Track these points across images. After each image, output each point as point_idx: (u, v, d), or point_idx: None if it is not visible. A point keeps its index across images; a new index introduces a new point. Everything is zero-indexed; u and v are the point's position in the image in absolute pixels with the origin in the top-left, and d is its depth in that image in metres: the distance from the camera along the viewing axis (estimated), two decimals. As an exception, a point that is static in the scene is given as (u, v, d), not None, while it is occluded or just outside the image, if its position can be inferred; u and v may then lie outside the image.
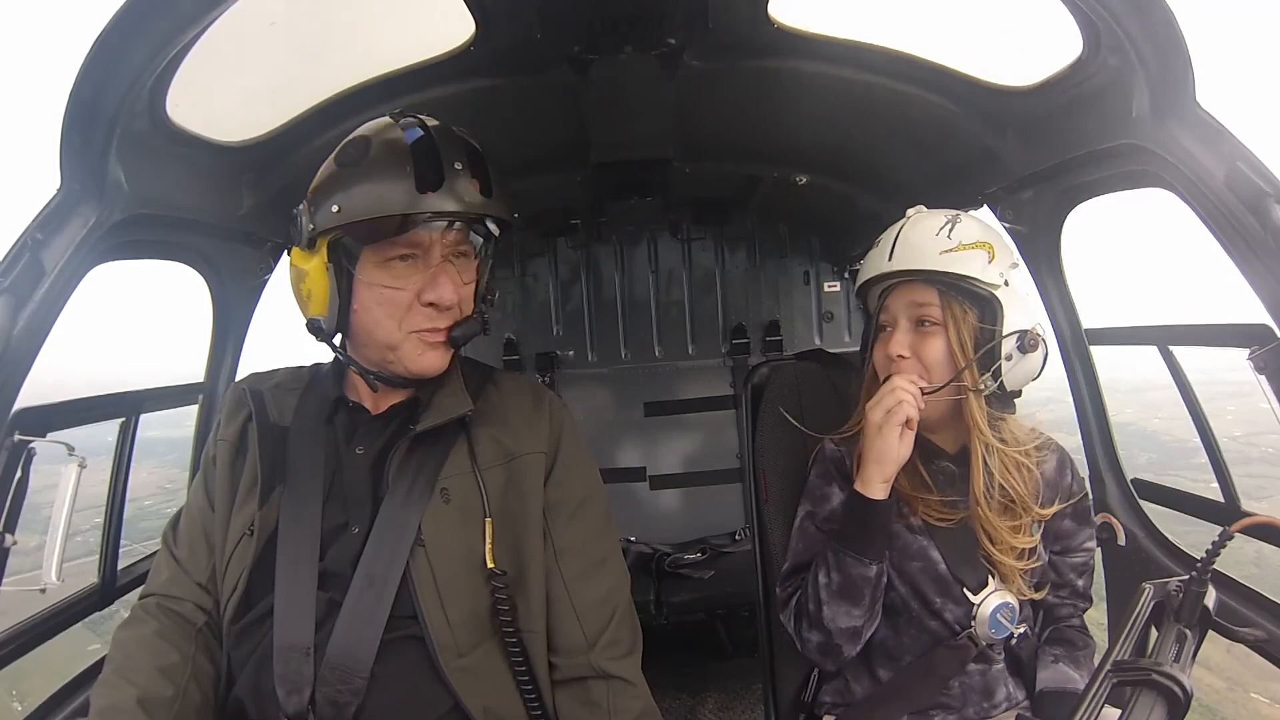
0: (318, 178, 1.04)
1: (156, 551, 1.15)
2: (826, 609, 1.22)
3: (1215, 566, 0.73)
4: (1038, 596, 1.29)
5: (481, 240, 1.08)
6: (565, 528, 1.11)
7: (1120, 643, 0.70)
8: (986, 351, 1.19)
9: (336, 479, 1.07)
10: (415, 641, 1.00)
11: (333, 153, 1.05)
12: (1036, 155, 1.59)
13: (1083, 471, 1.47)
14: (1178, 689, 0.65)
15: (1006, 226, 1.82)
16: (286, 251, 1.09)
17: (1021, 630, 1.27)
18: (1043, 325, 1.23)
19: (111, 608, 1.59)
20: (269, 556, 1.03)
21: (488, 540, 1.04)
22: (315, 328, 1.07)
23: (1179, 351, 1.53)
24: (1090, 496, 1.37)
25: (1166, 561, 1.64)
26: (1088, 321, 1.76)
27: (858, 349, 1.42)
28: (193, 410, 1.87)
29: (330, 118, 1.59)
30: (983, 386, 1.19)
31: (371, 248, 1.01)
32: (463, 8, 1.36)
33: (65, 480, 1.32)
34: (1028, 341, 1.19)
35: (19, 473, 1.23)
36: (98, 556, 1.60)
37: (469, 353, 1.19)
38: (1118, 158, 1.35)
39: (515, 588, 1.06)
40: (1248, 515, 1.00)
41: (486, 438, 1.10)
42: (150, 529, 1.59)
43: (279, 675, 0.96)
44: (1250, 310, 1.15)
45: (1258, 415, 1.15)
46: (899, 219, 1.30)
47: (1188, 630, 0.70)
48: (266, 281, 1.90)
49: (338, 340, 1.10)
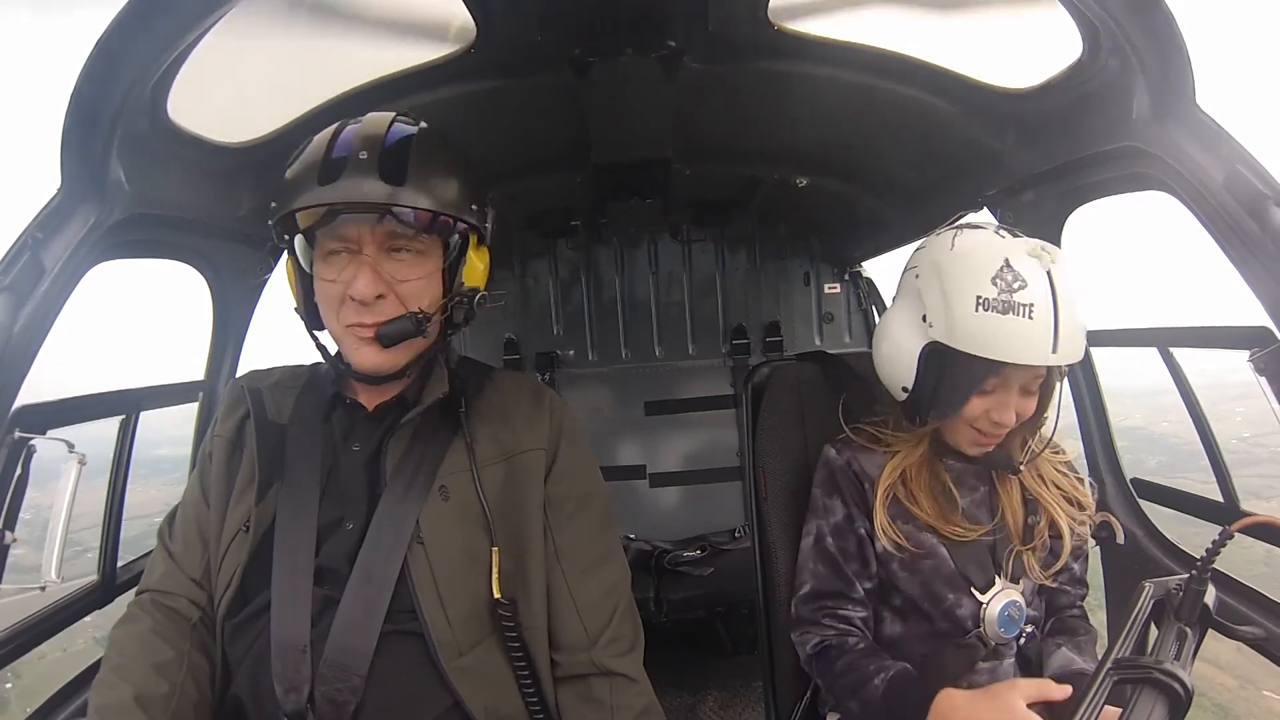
0: None
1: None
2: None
3: (1220, 566, 0.73)
4: (1050, 583, 1.30)
5: (425, 234, 1.02)
6: (566, 525, 1.11)
7: (1121, 641, 0.71)
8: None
9: (333, 475, 1.07)
10: (414, 639, 1.00)
11: None
12: (1036, 157, 1.59)
13: (1082, 471, 1.47)
14: (1179, 687, 0.65)
15: (1006, 229, 1.83)
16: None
17: (1030, 629, 1.28)
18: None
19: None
20: (264, 553, 1.02)
21: (495, 569, 1.04)
22: (301, 316, 1.10)
23: (1180, 354, 1.54)
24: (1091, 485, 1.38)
25: (1166, 561, 1.65)
26: (1088, 324, 1.77)
27: (858, 350, 1.42)
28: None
29: (330, 119, 1.57)
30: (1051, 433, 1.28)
31: (318, 243, 1.02)
32: (464, 10, 1.36)
33: (65, 478, 1.32)
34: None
35: (19, 470, 1.23)
36: (97, 557, 1.61)
37: (470, 352, 1.19)
38: (1118, 160, 1.36)
39: (516, 585, 1.06)
40: (1247, 515, 1.00)
41: (485, 436, 1.10)
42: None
43: (277, 673, 0.96)
44: (1251, 313, 1.15)
45: (1266, 417, 1.15)
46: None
47: (1188, 628, 0.71)
48: (266, 281, 1.90)
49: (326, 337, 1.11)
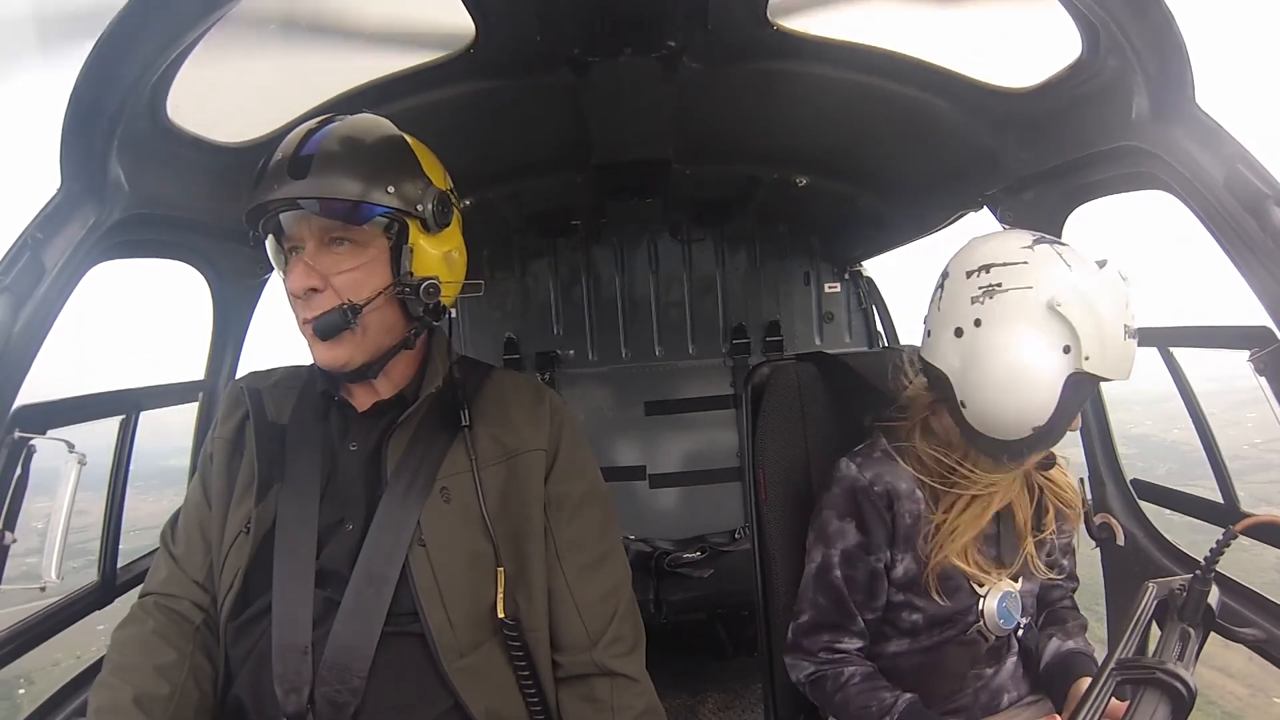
0: None
1: (156, 549, 1.15)
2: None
3: (1233, 574, 0.73)
4: (1052, 576, 1.30)
5: (355, 225, 1.01)
6: (566, 525, 1.11)
7: (1124, 641, 0.70)
8: None
9: (332, 476, 1.07)
10: (415, 640, 1.00)
11: None
12: (1036, 157, 1.59)
13: (1082, 472, 1.48)
14: (1182, 687, 0.65)
15: (1006, 228, 1.83)
16: None
17: (1026, 620, 1.29)
18: None
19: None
20: (265, 554, 1.02)
21: (500, 590, 1.04)
22: None
23: (1191, 358, 1.54)
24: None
25: (1165, 562, 1.64)
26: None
27: (858, 350, 1.42)
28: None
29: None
30: None
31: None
32: (463, 10, 1.36)
33: (65, 478, 1.32)
34: None
35: (19, 470, 1.23)
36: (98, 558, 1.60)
37: (470, 352, 1.19)
38: (1117, 159, 1.36)
39: (517, 586, 1.06)
40: (1249, 515, 1.00)
41: (486, 435, 1.10)
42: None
43: (278, 675, 0.96)
44: (1252, 312, 1.15)
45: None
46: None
47: (1191, 629, 0.71)
48: (266, 281, 1.90)
49: None
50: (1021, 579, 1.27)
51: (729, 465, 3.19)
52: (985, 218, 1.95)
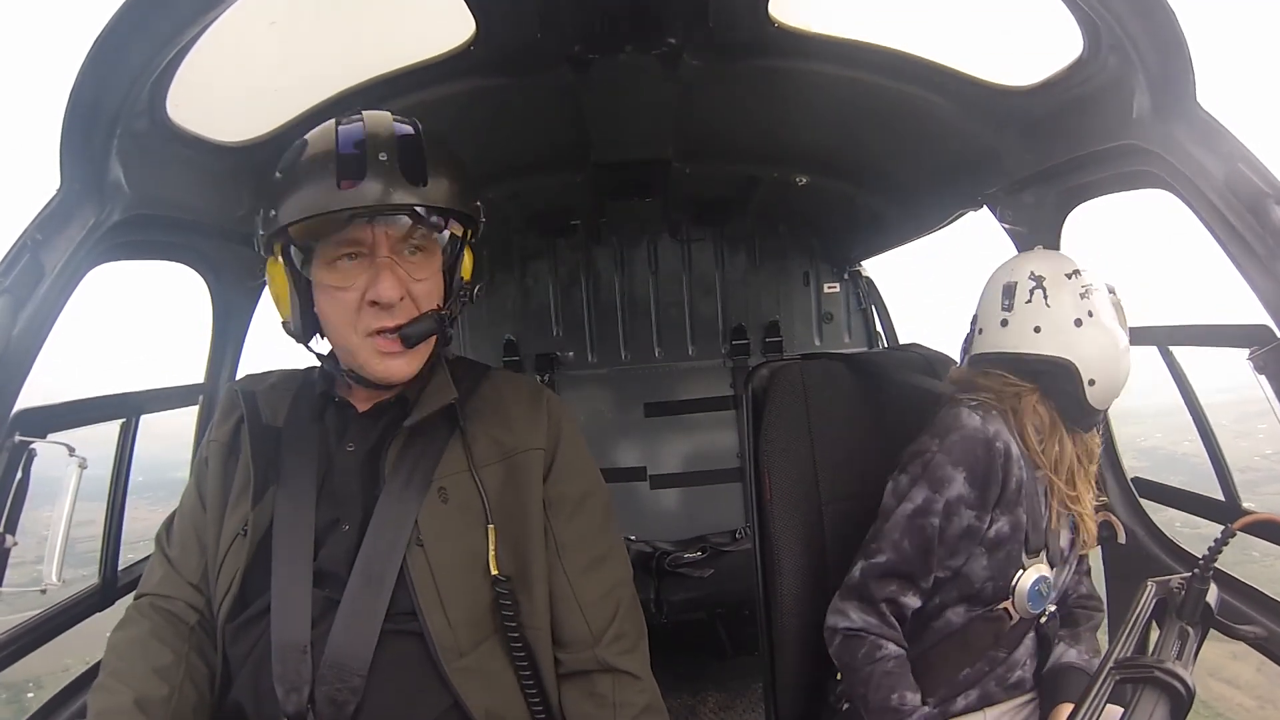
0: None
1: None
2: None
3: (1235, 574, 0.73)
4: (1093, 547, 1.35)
5: (440, 233, 1.03)
6: (567, 524, 1.11)
7: (1123, 640, 0.70)
8: None
9: (328, 476, 1.07)
10: (415, 639, 1.00)
11: None
12: (1037, 155, 1.59)
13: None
14: (1180, 686, 0.65)
15: (1006, 227, 1.83)
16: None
17: (1053, 609, 1.31)
18: None
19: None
20: (263, 556, 1.02)
21: (491, 547, 1.03)
22: (288, 331, 1.08)
23: (1187, 361, 1.55)
24: None
25: (1166, 560, 1.65)
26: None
27: (858, 350, 1.43)
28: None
29: (330, 118, 1.59)
30: None
31: (320, 249, 1.00)
32: (463, 8, 1.36)
33: (66, 481, 1.32)
34: None
35: (19, 474, 1.22)
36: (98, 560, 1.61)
37: (470, 353, 1.19)
38: (1118, 158, 1.35)
39: (518, 586, 1.06)
40: (1249, 513, 1.00)
41: (483, 435, 1.10)
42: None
43: (278, 674, 0.96)
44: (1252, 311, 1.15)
45: (1292, 433, 1.16)
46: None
47: (1190, 628, 0.71)
48: (266, 284, 1.90)
49: (320, 343, 1.10)
50: (1055, 568, 1.29)
51: (729, 466, 3.19)
52: (985, 217, 1.94)
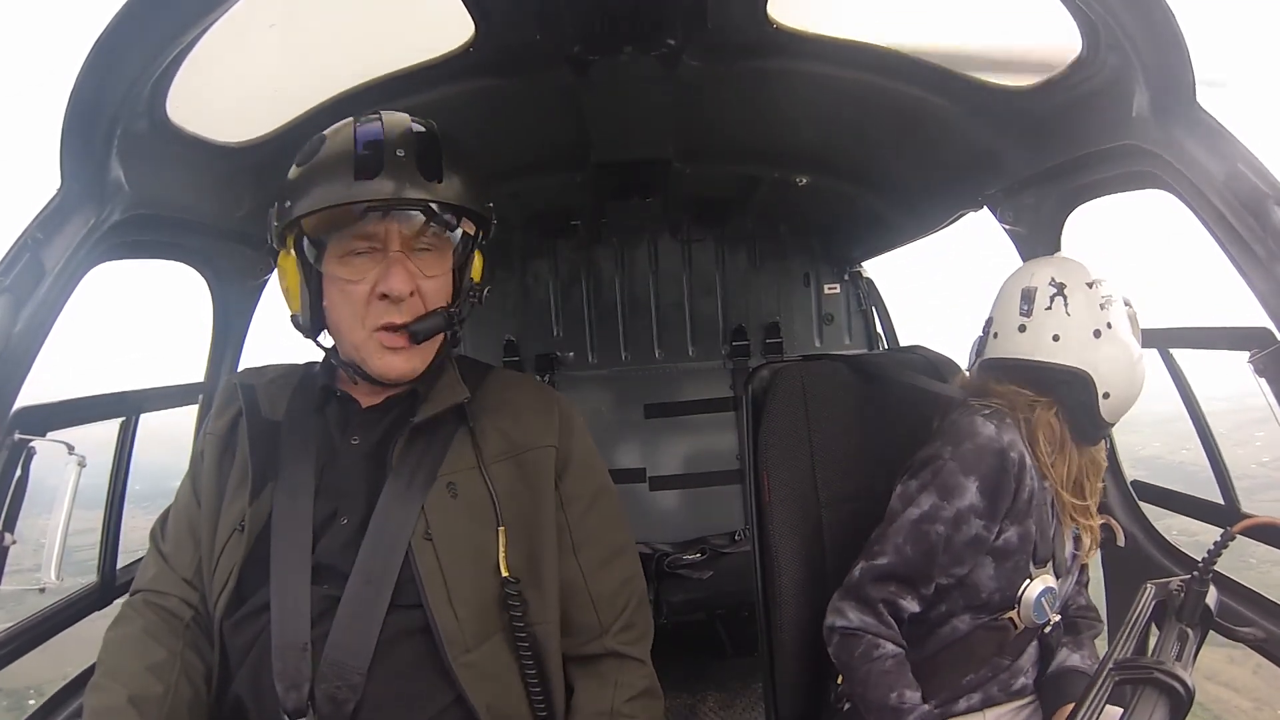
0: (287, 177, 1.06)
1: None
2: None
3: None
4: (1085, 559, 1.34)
5: (452, 231, 1.04)
6: (581, 520, 1.12)
7: (1122, 641, 0.70)
8: None
9: (328, 470, 1.07)
10: (418, 635, 1.00)
11: None
12: (1036, 156, 1.59)
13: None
14: (1180, 687, 0.65)
15: (1006, 228, 1.83)
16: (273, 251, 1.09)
17: (1057, 619, 1.30)
18: None
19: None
20: (261, 551, 1.02)
21: (502, 549, 1.04)
22: (296, 324, 1.09)
23: (1200, 376, 1.55)
24: None
25: (1165, 562, 1.64)
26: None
27: (858, 351, 1.42)
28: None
29: (330, 119, 1.56)
30: None
31: (333, 243, 1.01)
32: (462, 9, 1.36)
33: (65, 480, 1.32)
34: None
35: (19, 472, 1.23)
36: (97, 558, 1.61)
37: (470, 353, 1.19)
38: (1118, 159, 1.35)
39: (528, 583, 1.06)
40: (1248, 516, 1.00)
41: (492, 430, 1.10)
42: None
43: (277, 672, 0.96)
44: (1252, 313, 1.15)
45: (1290, 441, 1.16)
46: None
47: (1189, 629, 0.71)
48: (266, 282, 1.90)
49: (325, 338, 1.10)
50: (1060, 578, 1.29)
51: (729, 467, 3.19)
52: (985, 218, 1.94)
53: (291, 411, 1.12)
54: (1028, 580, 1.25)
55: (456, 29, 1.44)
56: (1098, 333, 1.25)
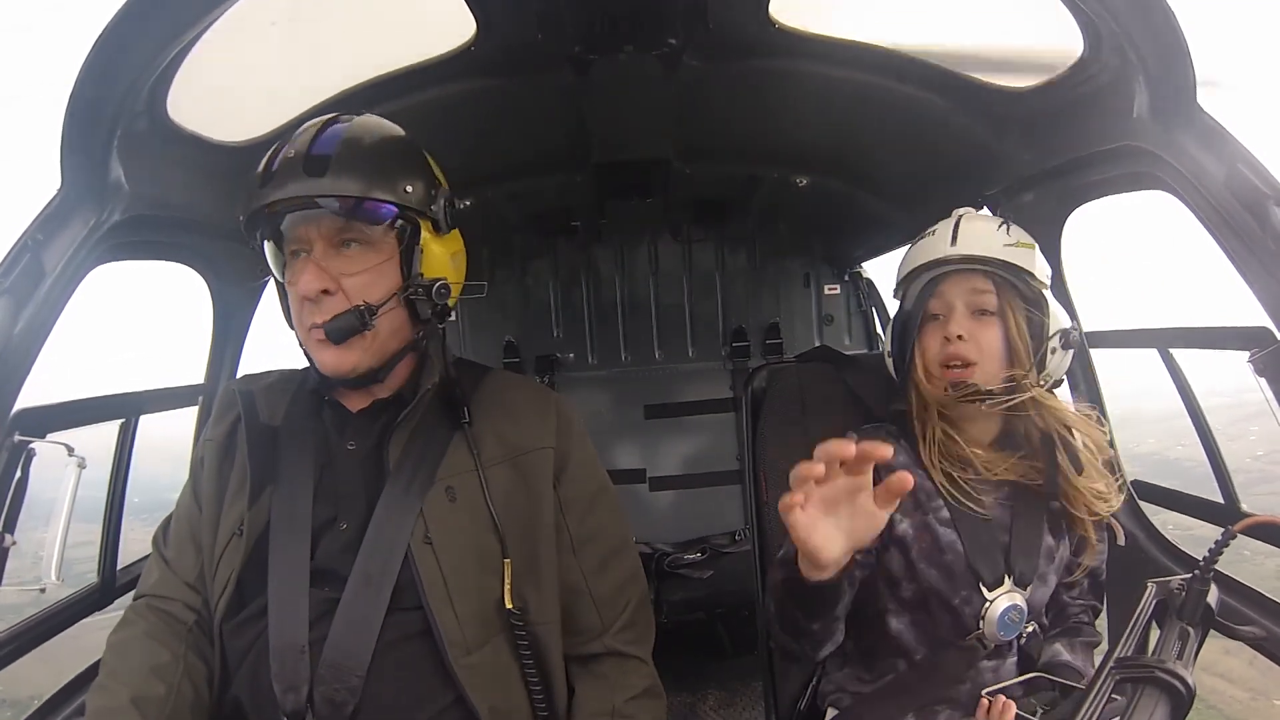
0: None
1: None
2: (784, 633, 1.19)
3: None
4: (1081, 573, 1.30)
5: (371, 226, 1.01)
6: (581, 521, 1.12)
7: (1123, 640, 0.71)
8: (1041, 349, 1.21)
9: (326, 474, 1.07)
10: (418, 637, 1.00)
11: None
12: (1037, 156, 1.59)
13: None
14: (1181, 686, 0.65)
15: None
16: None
17: (1031, 629, 1.28)
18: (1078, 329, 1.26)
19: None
20: (260, 555, 1.02)
21: (507, 581, 1.04)
22: (291, 328, 1.10)
23: (1196, 370, 1.54)
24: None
25: (1166, 562, 1.65)
26: (1088, 324, 1.77)
27: (858, 352, 1.42)
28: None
29: None
30: (1042, 383, 1.22)
31: (285, 250, 1.04)
32: (463, 8, 1.36)
33: (65, 481, 1.32)
34: (1070, 339, 1.23)
35: (19, 473, 1.22)
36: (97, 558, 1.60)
37: (470, 355, 1.19)
38: (1118, 159, 1.35)
39: (528, 583, 1.06)
40: (1249, 515, 1.00)
41: (489, 433, 1.10)
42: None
43: (276, 674, 0.96)
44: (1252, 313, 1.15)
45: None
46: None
47: (1190, 628, 0.71)
48: (267, 283, 1.90)
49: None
50: (1031, 587, 1.25)
51: (729, 468, 3.19)
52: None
53: (290, 416, 1.12)
54: (986, 602, 1.21)
55: (457, 28, 1.44)
56: None
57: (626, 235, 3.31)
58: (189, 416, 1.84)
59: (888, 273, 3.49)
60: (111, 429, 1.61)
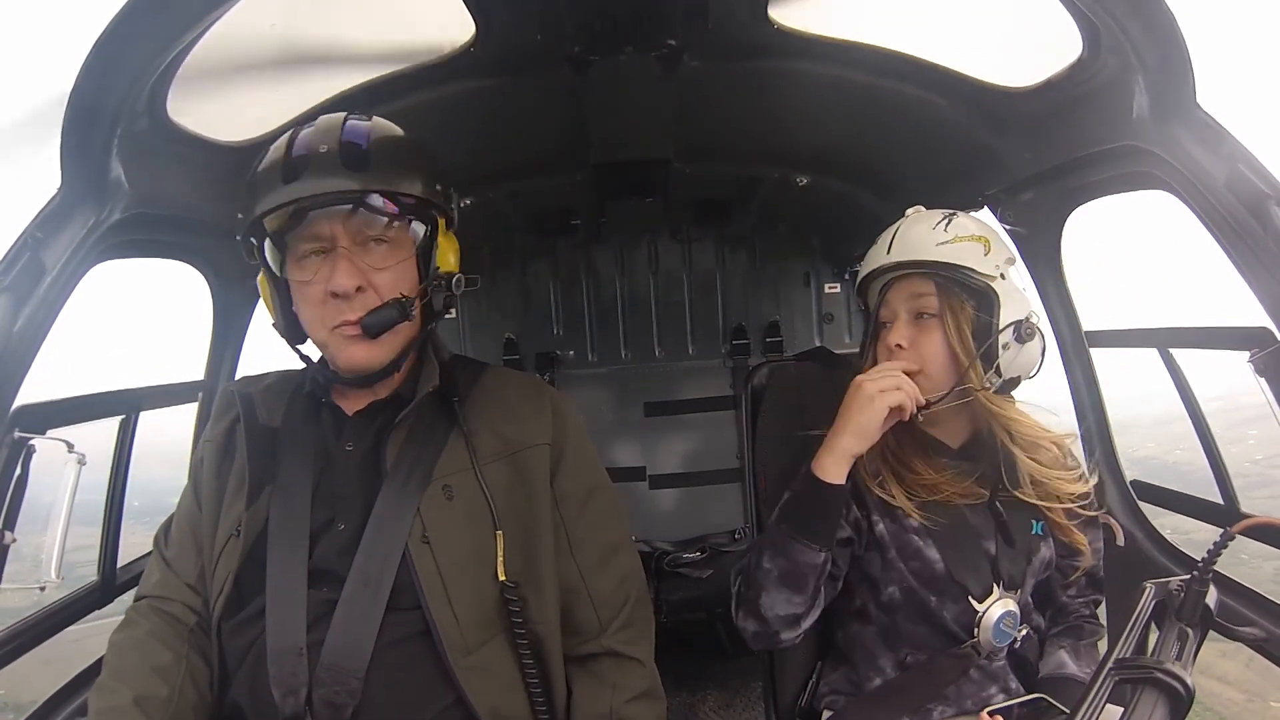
0: None
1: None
2: (765, 596, 1.19)
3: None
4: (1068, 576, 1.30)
5: (398, 222, 1.03)
6: (577, 518, 1.12)
7: (1122, 641, 0.70)
8: (986, 347, 1.18)
9: (324, 476, 1.07)
10: (418, 638, 1.00)
11: None
12: (1037, 156, 1.59)
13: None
14: (1180, 686, 0.65)
15: (1006, 228, 1.83)
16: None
17: (1024, 633, 1.27)
18: (1038, 317, 1.22)
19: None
20: (258, 556, 1.02)
21: (500, 553, 1.04)
22: (280, 332, 1.09)
23: (1194, 373, 1.54)
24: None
25: (1165, 562, 1.64)
26: (1088, 324, 1.77)
27: (858, 351, 1.41)
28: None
29: None
30: (988, 384, 1.19)
31: (291, 248, 1.02)
32: (463, 8, 1.36)
33: (65, 478, 1.32)
34: (1024, 331, 1.19)
35: (19, 470, 1.22)
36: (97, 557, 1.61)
37: (470, 353, 1.19)
38: (1118, 159, 1.35)
39: (526, 582, 1.06)
40: (1248, 516, 1.00)
41: (486, 430, 1.10)
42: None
43: (274, 677, 0.96)
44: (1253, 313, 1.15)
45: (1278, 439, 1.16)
46: (899, 220, 1.30)
47: (1189, 629, 0.70)
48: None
49: (310, 348, 1.10)
50: (1019, 590, 1.25)
51: (729, 466, 3.19)
52: (985, 218, 1.94)
53: (288, 418, 1.12)
54: (978, 613, 1.21)
55: (457, 29, 1.45)
56: None
57: (626, 235, 3.31)
58: (188, 420, 1.84)
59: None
60: (110, 430, 1.61)
